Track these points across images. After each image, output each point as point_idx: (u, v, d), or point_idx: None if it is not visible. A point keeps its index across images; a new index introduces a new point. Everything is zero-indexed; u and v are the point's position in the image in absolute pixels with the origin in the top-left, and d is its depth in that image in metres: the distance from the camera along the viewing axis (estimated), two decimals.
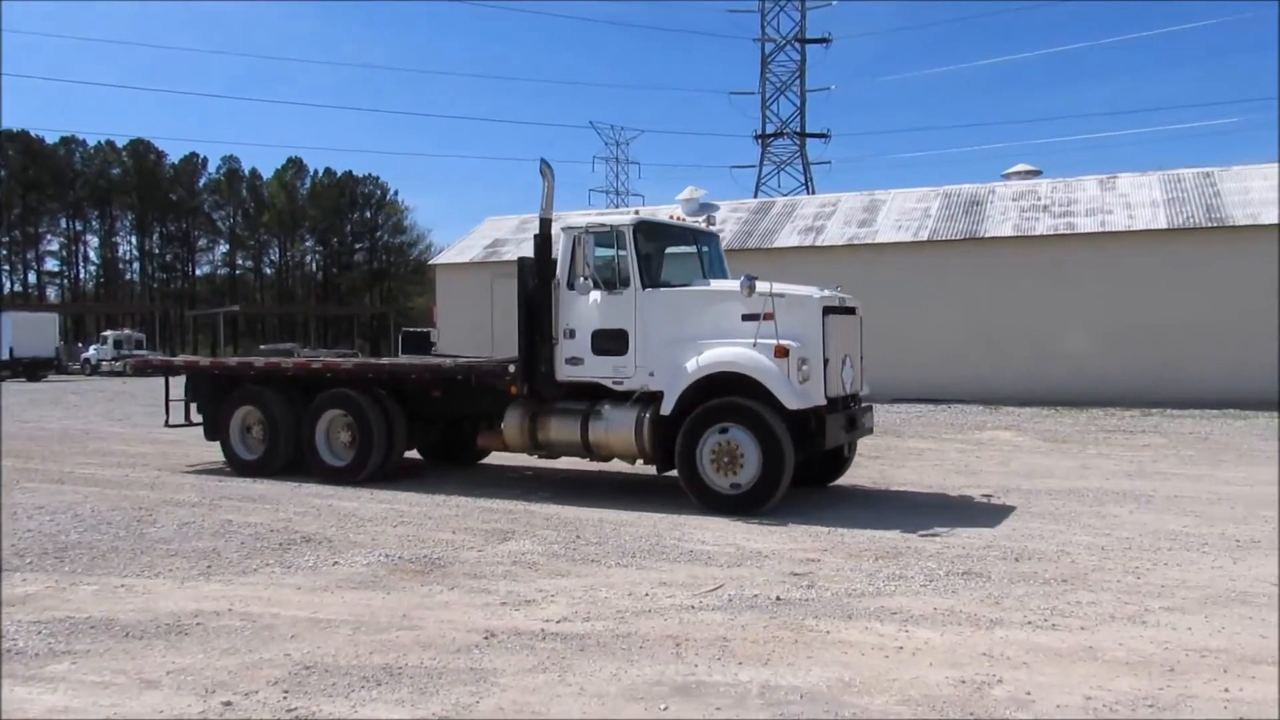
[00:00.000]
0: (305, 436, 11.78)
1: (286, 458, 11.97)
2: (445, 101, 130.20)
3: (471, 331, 29.14)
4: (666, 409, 9.81)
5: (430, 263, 36.62)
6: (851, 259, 25.14)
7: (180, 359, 14.69)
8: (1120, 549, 7.95)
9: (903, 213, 26.62)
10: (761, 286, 9.53)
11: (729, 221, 28.52)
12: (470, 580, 7.04)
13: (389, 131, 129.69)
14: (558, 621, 6.00)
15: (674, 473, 9.89)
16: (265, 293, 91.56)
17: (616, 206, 62.11)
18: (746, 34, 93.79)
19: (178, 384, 13.62)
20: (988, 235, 24.46)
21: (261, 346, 48.79)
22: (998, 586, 6.83)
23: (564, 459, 11.32)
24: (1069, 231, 23.83)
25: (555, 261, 10.52)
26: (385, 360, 12.68)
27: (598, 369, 10.34)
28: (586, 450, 10.40)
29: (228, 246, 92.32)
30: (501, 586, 6.86)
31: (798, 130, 61.79)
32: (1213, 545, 8.10)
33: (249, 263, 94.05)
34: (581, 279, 10.19)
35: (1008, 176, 28.25)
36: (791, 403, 9.33)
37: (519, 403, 10.79)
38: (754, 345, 9.53)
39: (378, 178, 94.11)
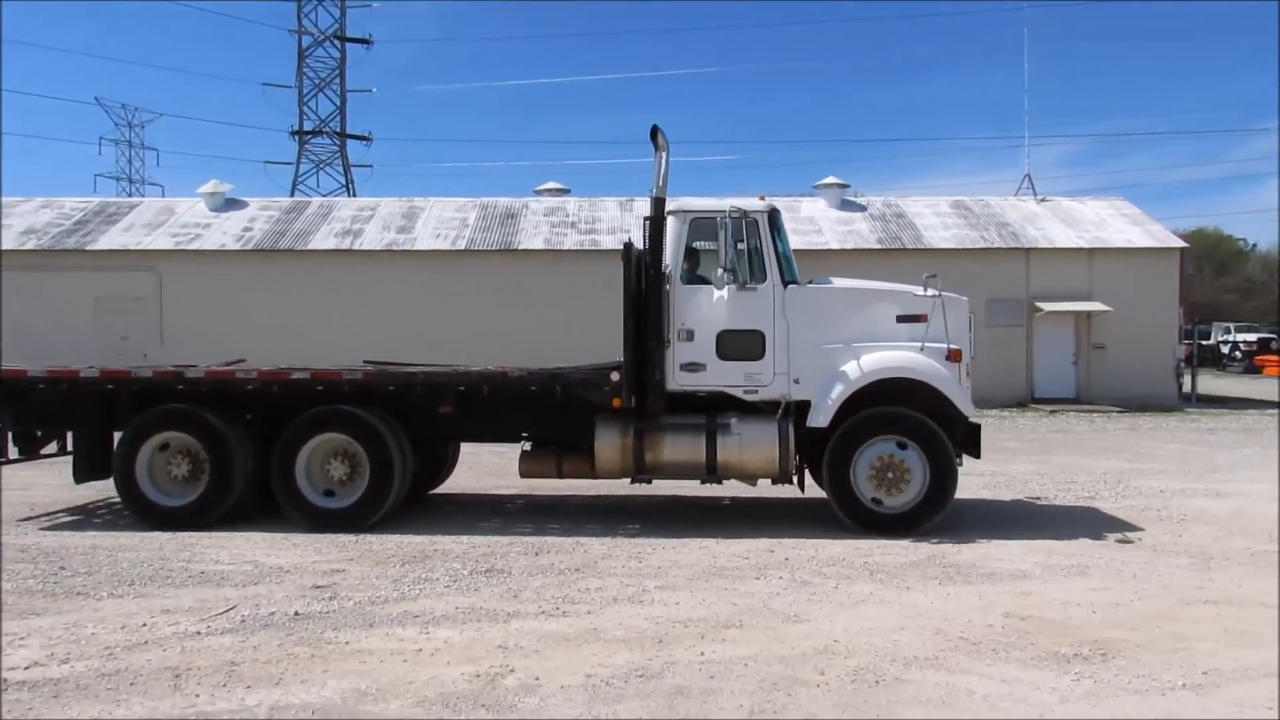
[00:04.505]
0: (279, 470, 9.10)
1: (235, 499, 9.16)
2: None
3: None
4: (823, 420, 8.80)
5: None
6: (390, 264, 25.00)
7: (39, 368, 9.68)
8: (628, 538, 8.73)
9: (441, 221, 26.99)
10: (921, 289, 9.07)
11: (259, 220, 26.89)
12: None
13: None
14: (26, 668, 5.18)
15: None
16: None
17: (130, 195, 55.49)
18: (282, 24, 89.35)
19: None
20: (521, 248, 25.65)
21: None
22: (517, 580, 7.15)
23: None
24: (593, 248, 25.78)
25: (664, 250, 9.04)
26: (417, 367, 10.04)
27: (724, 376, 9.05)
28: (709, 472, 9.04)
29: None
30: None
31: (338, 130, 59.99)
32: (701, 527, 9.20)
33: None
34: (721, 271, 8.87)
35: (540, 193, 29.80)
36: (970, 411, 8.89)
37: (614, 419, 9.08)
38: (921, 349, 8.88)
39: None
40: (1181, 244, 26.78)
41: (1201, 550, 8.21)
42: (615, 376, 8.99)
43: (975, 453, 9.21)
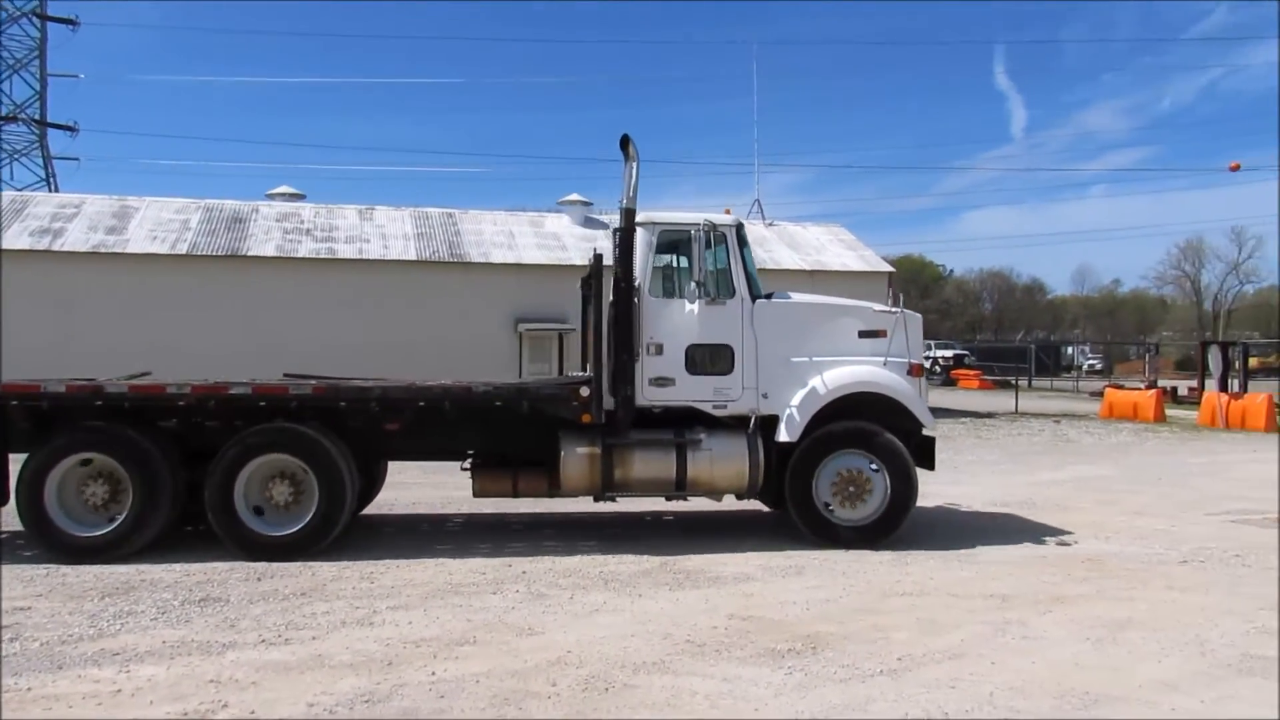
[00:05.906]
0: (215, 495, 8.30)
1: (160, 527, 8.32)
2: None
3: None
4: (792, 435, 8.83)
5: None
6: (97, 267, 22.75)
7: None
8: (360, 560, 8.39)
9: (159, 223, 24.93)
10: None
11: None
12: None
13: None
14: None
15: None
16: None
17: None
18: None
19: None
20: (251, 254, 24.17)
21: None
22: (236, 609, 6.70)
23: None
24: (330, 256, 24.75)
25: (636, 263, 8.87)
26: (370, 381, 9.26)
27: (694, 391, 8.88)
28: (678, 488, 8.83)
29: None
30: None
31: (36, 118, 54.00)
32: (443, 543, 9.02)
33: None
34: (693, 284, 8.80)
35: (271, 197, 28.22)
36: (931, 425, 9.14)
37: (580, 434, 8.77)
38: (884, 363, 9.06)
39: None
40: (890, 269, 29.46)
41: (902, 549, 9.02)
42: (585, 391, 8.76)
43: (929, 465, 9.45)
